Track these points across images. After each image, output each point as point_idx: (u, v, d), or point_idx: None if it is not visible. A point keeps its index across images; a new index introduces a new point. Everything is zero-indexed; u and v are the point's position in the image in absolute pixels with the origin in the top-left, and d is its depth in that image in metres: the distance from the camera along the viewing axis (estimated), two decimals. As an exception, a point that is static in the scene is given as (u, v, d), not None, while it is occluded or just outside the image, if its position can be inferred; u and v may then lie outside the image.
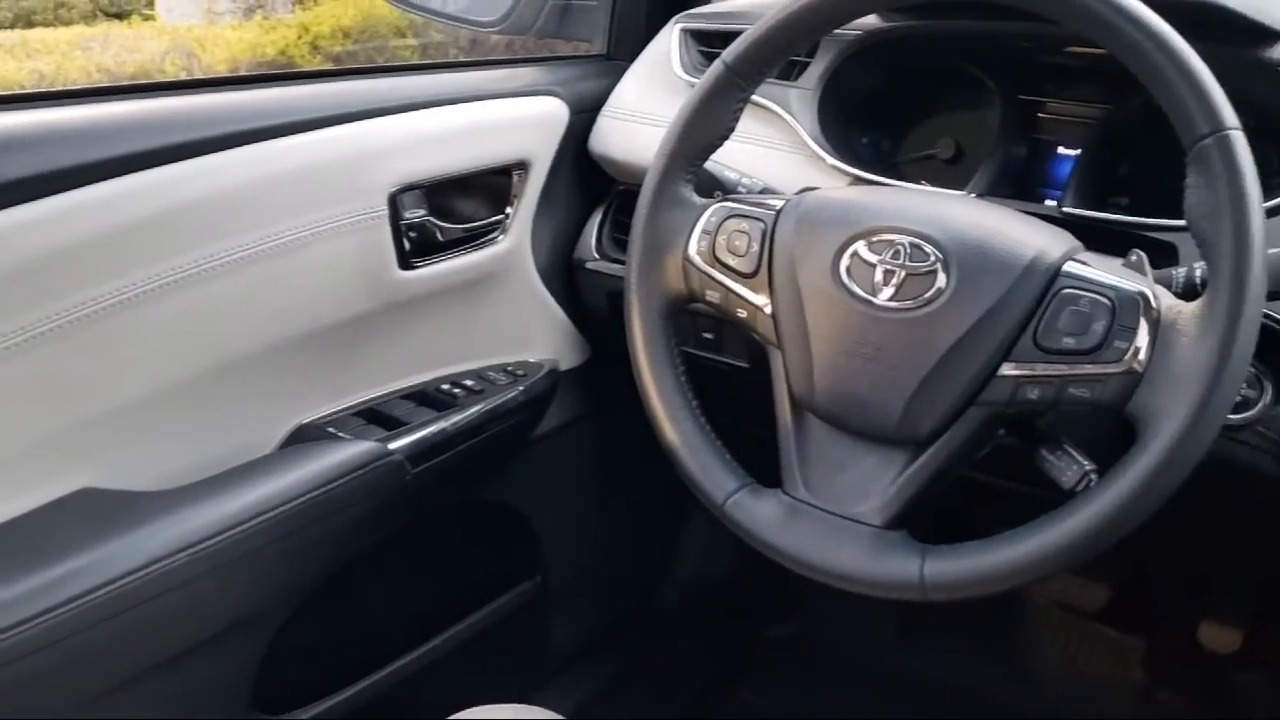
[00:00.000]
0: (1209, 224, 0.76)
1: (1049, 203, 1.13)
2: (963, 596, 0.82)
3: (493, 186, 1.31)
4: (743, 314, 0.93)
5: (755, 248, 0.92)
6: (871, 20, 1.21)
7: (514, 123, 1.33)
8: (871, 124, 1.32)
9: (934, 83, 1.29)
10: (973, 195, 1.13)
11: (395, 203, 1.18)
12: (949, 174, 1.27)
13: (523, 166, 1.33)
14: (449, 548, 1.42)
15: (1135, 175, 1.16)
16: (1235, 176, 0.75)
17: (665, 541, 1.87)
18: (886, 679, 1.81)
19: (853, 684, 1.80)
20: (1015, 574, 0.80)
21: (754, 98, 1.21)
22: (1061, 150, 1.21)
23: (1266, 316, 0.92)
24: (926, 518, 0.90)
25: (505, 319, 1.40)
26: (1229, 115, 0.76)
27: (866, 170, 1.18)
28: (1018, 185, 1.21)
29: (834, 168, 1.20)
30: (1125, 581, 1.78)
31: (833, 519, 0.87)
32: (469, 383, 1.31)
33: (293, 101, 1.14)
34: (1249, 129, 0.78)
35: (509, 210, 1.33)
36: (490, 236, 1.32)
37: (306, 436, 1.17)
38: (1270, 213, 0.94)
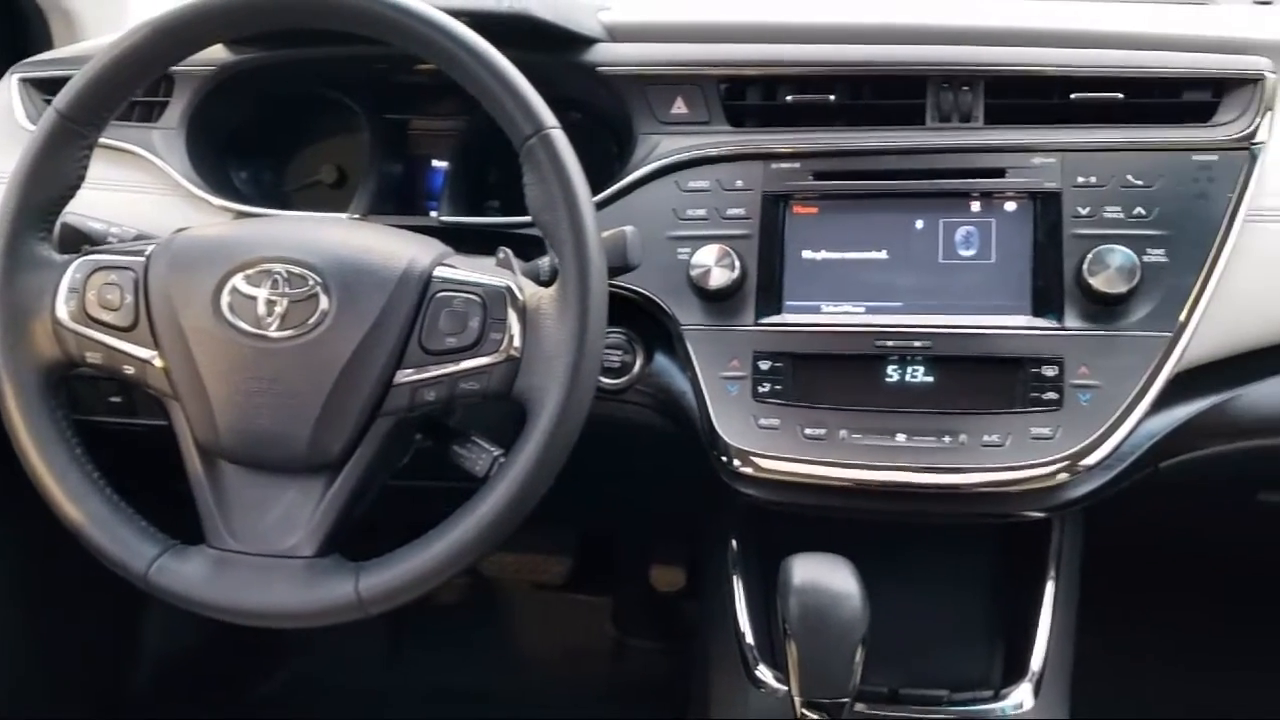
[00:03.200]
0: (548, 216, 0.85)
1: (432, 214, 1.19)
2: (404, 601, 0.85)
3: None
4: (130, 370, 0.89)
5: (130, 298, 0.88)
6: (222, 54, 1.18)
7: None
8: (249, 157, 1.30)
9: (304, 110, 1.29)
10: (355, 216, 1.16)
11: None
12: (336, 198, 1.28)
13: None
14: None
15: (504, 179, 1.25)
16: (561, 171, 0.84)
17: (123, 628, 1.71)
18: (380, 702, 1.81)
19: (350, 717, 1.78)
20: (446, 567, 0.84)
21: (112, 142, 1.16)
22: (435, 163, 1.27)
23: (618, 288, 1.04)
24: (382, 535, 0.91)
25: None
26: (547, 116, 0.85)
27: (251, 204, 1.17)
28: (402, 201, 1.26)
29: (220, 207, 1.16)
30: (583, 548, 1.92)
31: (262, 560, 0.86)
32: None
33: None
34: (581, 125, 0.87)
35: None
36: None
37: None
38: (605, 202, 1.07)
